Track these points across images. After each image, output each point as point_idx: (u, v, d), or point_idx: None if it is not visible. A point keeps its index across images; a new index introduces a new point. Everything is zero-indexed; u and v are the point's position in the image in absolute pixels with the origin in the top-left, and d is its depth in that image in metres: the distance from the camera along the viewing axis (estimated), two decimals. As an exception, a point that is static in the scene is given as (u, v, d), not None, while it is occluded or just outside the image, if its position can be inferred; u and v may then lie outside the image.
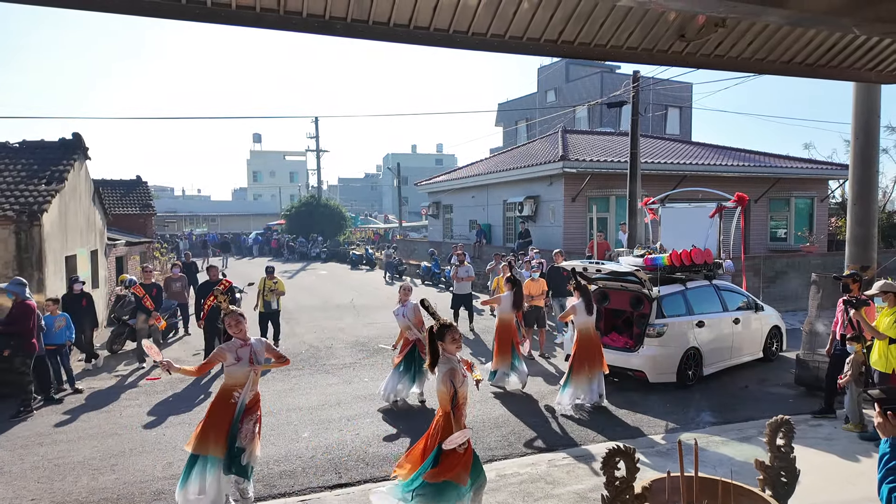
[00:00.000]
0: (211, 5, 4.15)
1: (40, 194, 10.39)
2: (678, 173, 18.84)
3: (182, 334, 13.19)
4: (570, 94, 39.43)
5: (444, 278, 20.11)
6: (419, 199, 52.41)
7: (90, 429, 7.32)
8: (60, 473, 6.01)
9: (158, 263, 24.42)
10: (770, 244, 20.97)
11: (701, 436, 6.61)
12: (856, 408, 6.77)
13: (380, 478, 5.82)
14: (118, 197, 24.04)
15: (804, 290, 12.75)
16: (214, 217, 60.79)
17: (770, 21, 4.93)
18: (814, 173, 21.47)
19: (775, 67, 5.99)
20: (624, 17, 5.02)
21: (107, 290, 15.40)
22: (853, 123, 8.66)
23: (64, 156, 12.01)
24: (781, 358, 10.24)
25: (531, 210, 19.47)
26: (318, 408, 8.00)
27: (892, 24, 4.83)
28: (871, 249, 8.65)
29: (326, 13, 4.39)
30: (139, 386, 9.26)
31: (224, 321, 5.29)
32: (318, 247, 35.31)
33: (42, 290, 9.84)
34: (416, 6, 4.51)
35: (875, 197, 8.92)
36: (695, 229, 10.40)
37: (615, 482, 2.96)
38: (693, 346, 8.66)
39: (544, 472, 5.85)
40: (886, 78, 6.37)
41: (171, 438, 6.92)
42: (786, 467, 3.42)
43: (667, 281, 9.12)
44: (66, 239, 11.54)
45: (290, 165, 76.34)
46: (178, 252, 32.78)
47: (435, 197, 28.56)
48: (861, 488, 5.24)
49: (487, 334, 12.59)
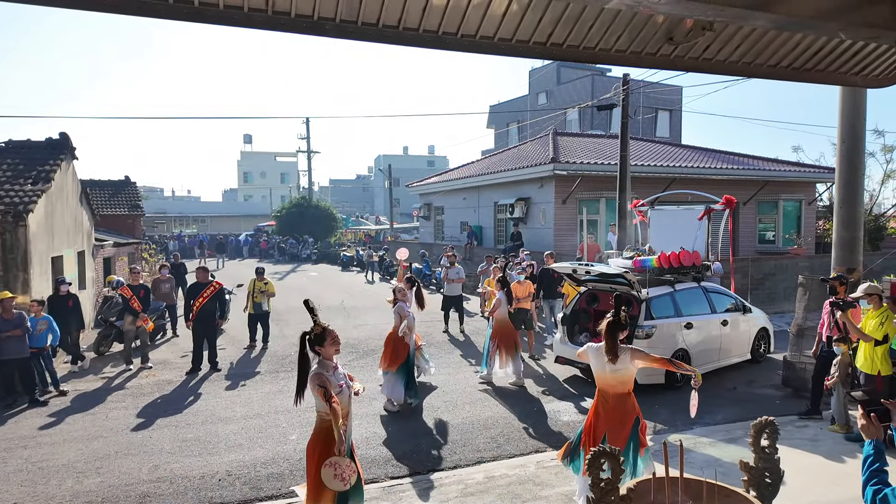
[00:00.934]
0: (198, 5, 4.13)
1: (26, 194, 10.28)
2: (668, 176, 18.94)
3: (170, 336, 13.09)
4: (561, 97, 39.57)
5: (434, 280, 20.11)
6: (411, 201, 52.41)
7: (75, 431, 7.25)
8: (44, 476, 5.94)
9: (147, 265, 24.25)
10: (758, 246, 21.13)
11: (689, 437, 6.65)
12: (842, 409, 6.83)
13: (368, 480, 5.79)
14: (106, 197, 23.83)
15: (792, 292, 12.86)
16: (204, 218, 60.43)
17: (757, 25, 4.97)
18: (802, 176, 21.66)
19: (763, 71, 6.04)
20: (612, 20, 5.05)
21: (94, 291, 15.26)
22: (839, 127, 8.75)
23: (50, 156, 11.89)
24: (769, 359, 10.32)
25: (522, 212, 19.51)
26: (307, 410, 7.92)
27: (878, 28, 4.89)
28: (857, 252, 8.74)
29: (315, 13, 4.38)
30: (126, 388, 9.18)
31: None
32: (309, 248, 35.20)
33: (27, 291, 9.73)
34: (405, 7, 4.51)
35: (861, 200, 9.00)
36: (684, 232, 10.46)
37: (600, 483, 2.97)
38: (681, 348, 8.70)
39: (532, 474, 5.85)
40: (872, 82, 6.44)
41: (158, 441, 6.86)
42: (770, 468, 3.43)
43: (656, 283, 9.17)
44: (52, 240, 11.42)
45: (280, 166, 76.04)
46: (166, 253, 32.56)
47: (426, 198, 28.55)
48: (846, 489, 5.28)
49: (478, 336, 12.59)
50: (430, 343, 11.66)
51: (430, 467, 6.11)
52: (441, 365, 10.31)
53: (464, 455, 6.40)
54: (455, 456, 6.38)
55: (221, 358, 10.66)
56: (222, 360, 10.68)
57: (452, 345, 12.02)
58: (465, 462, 6.23)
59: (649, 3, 4.27)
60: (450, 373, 9.82)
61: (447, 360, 10.69)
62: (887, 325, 6.17)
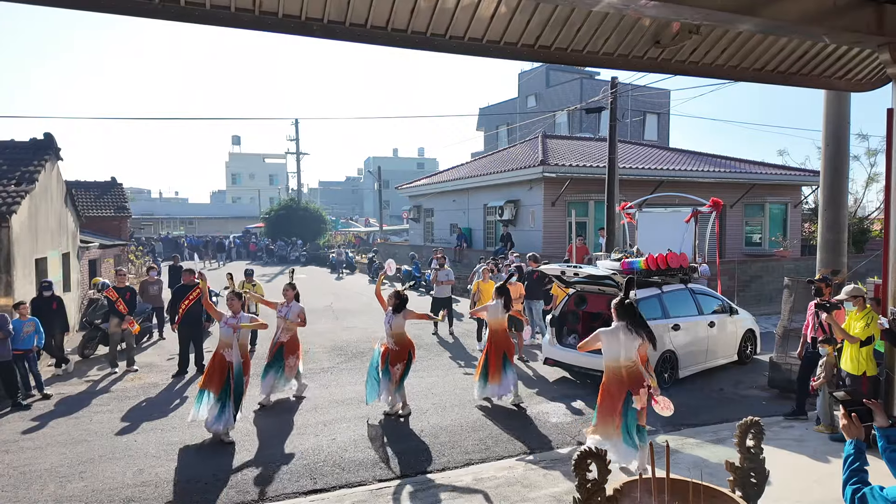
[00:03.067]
0: (185, 4, 4.11)
1: (9, 195, 10.14)
2: (656, 179, 19.07)
3: (157, 338, 12.96)
4: (550, 100, 39.74)
5: (424, 282, 20.09)
6: (400, 203, 52.31)
7: (58, 435, 7.14)
8: (26, 481, 5.85)
9: (133, 267, 24.01)
10: (745, 249, 21.31)
11: (676, 438, 6.68)
12: (827, 409, 6.90)
13: (355, 483, 5.77)
14: (92, 199, 23.57)
15: (778, 293, 12.97)
16: (192, 220, 60.01)
17: (743, 29, 5.03)
18: (787, 179, 21.90)
19: (749, 74, 6.11)
20: (600, 23, 5.08)
21: (79, 293, 15.08)
22: (824, 131, 8.85)
23: (35, 156, 11.75)
24: (755, 361, 10.40)
25: (511, 214, 19.55)
26: (295, 414, 7.91)
27: (861, 33, 4.97)
28: (841, 254, 8.83)
29: (303, 14, 4.37)
30: (111, 391, 9.07)
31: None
32: (298, 250, 35.04)
33: (10, 293, 9.60)
34: (393, 8, 4.51)
35: (845, 203, 9.11)
36: (671, 234, 10.53)
37: (587, 485, 2.97)
38: (669, 349, 8.75)
39: (520, 476, 5.85)
40: (855, 86, 6.54)
41: (143, 445, 6.78)
42: (755, 468, 3.46)
43: (643, 285, 9.21)
44: (36, 241, 11.28)
45: (269, 168, 75.68)
46: (153, 255, 32.26)
47: (416, 200, 28.54)
48: (831, 488, 5.32)
49: (467, 338, 12.59)
50: (419, 345, 11.62)
51: (418, 470, 6.09)
52: (430, 367, 10.30)
53: (452, 457, 6.39)
54: (443, 458, 6.37)
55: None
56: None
57: (442, 347, 12.01)
58: (453, 464, 6.22)
59: (637, 6, 4.31)
60: (439, 375, 9.80)
61: (436, 363, 10.67)
62: (872, 326, 6.24)
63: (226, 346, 6.92)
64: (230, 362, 6.86)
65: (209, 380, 6.90)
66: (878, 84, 6.36)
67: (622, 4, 4.36)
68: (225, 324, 6.97)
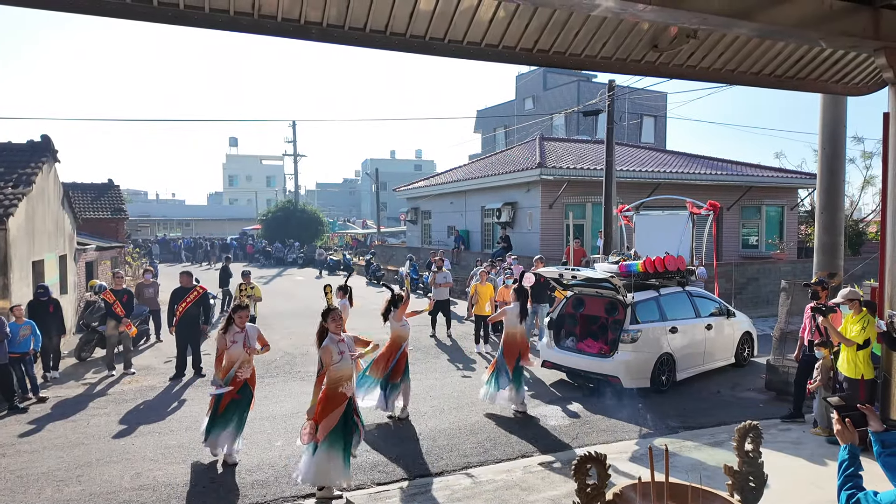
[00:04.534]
0: (183, 8, 4.11)
1: (6, 197, 10.10)
2: (653, 181, 19.12)
3: (154, 341, 12.92)
4: (547, 102, 39.80)
5: (422, 284, 20.08)
6: (398, 205, 52.32)
7: (55, 439, 7.12)
8: (23, 486, 5.82)
9: (130, 269, 23.96)
10: (742, 251, 21.37)
11: (674, 441, 6.69)
12: (824, 412, 6.90)
13: (354, 487, 5.76)
14: (89, 201, 23.50)
15: (775, 296, 13.00)
16: (189, 222, 59.91)
17: (740, 33, 5.05)
18: (784, 182, 21.97)
19: (746, 78, 6.13)
20: (598, 28, 5.10)
21: (76, 295, 15.03)
22: (820, 134, 8.88)
23: (32, 158, 11.71)
24: (753, 363, 10.42)
25: (509, 216, 19.57)
26: (292, 416, 7.89)
27: (857, 38, 4.99)
28: (838, 257, 8.86)
29: (302, 17, 4.37)
30: (108, 394, 9.04)
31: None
32: (295, 252, 34.99)
33: (7, 296, 9.56)
34: (392, 12, 4.51)
35: (842, 206, 9.14)
36: (668, 236, 10.55)
37: (586, 489, 2.97)
38: (666, 352, 8.77)
39: (519, 479, 5.85)
40: (851, 90, 6.57)
41: (141, 448, 6.76)
42: (754, 472, 3.46)
43: (641, 287, 9.23)
44: (33, 243, 11.24)
45: (266, 170, 75.63)
46: (150, 257, 32.19)
47: (413, 203, 28.54)
48: (828, 491, 5.32)
49: (465, 340, 12.59)
50: (417, 347, 11.64)
51: (417, 473, 6.08)
52: (428, 370, 10.29)
53: (451, 460, 6.39)
54: (442, 461, 6.36)
55: (206, 363, 10.53)
56: (206, 365, 10.55)
57: (440, 349, 12.00)
58: (451, 467, 6.21)
59: (634, 10, 4.32)
60: (437, 377, 9.80)
61: (434, 365, 10.67)
62: (869, 329, 6.26)
63: (244, 363, 6.27)
64: (244, 379, 6.30)
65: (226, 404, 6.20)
66: (874, 88, 6.39)
67: (620, 9, 4.38)
68: (232, 341, 6.22)
